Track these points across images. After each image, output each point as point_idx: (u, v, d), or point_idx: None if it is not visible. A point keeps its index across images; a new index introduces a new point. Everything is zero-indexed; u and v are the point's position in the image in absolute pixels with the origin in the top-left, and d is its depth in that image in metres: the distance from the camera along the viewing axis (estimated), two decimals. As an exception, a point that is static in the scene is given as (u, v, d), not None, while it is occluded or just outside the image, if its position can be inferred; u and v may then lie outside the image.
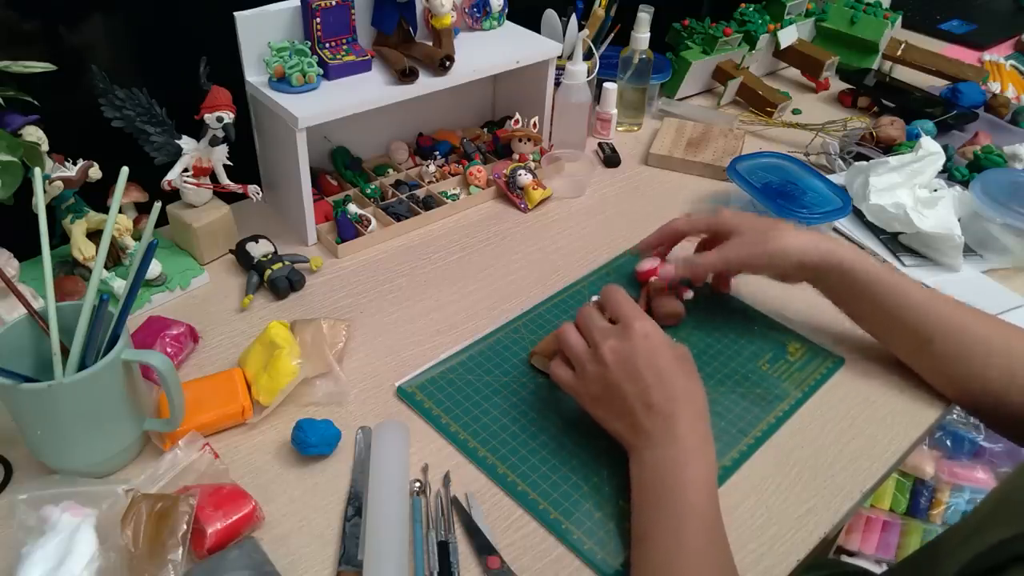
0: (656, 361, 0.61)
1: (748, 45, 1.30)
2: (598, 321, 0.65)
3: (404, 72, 0.88)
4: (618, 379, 0.61)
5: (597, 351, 0.62)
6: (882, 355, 0.78)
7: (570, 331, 0.66)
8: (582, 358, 0.64)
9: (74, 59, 0.79)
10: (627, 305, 0.65)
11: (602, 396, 0.63)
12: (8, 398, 0.57)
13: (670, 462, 0.58)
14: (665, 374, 0.61)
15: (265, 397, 0.68)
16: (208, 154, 0.83)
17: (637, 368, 0.60)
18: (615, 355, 0.61)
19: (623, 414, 0.62)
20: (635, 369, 0.61)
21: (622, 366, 0.61)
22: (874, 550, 1.47)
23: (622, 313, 0.64)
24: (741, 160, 0.99)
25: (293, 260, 0.85)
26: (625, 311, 0.64)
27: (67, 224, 0.77)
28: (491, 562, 0.58)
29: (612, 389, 0.62)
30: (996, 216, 0.91)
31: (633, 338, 0.62)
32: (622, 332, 0.62)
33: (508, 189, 1.01)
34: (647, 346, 0.61)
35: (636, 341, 0.61)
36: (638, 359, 0.61)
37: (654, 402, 0.60)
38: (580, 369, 0.64)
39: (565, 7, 1.09)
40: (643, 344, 0.61)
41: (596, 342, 0.63)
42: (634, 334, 0.62)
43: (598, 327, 0.64)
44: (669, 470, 0.58)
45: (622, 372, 0.61)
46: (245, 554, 0.56)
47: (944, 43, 1.58)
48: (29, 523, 0.56)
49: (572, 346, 0.65)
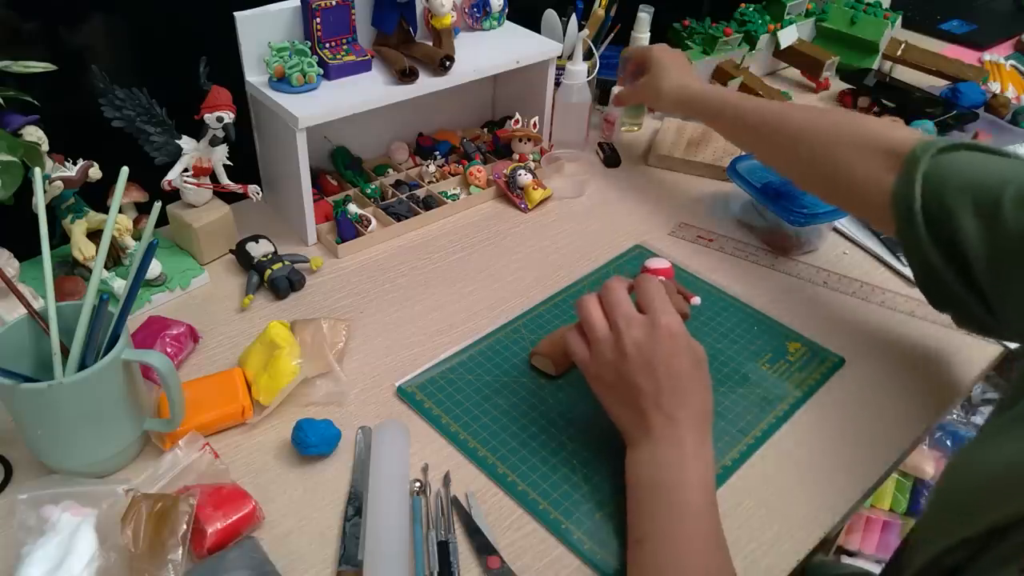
0: (675, 365, 0.59)
1: (748, 45, 1.30)
2: (625, 306, 0.62)
3: (404, 72, 0.88)
4: (633, 373, 0.60)
5: (620, 340, 0.60)
6: (883, 355, 0.79)
7: (592, 306, 0.63)
8: (601, 341, 0.62)
9: (74, 59, 0.79)
10: (660, 298, 0.62)
11: (613, 383, 0.62)
12: (8, 398, 0.57)
13: (670, 461, 0.58)
14: (681, 380, 0.60)
15: (265, 397, 0.68)
16: (208, 154, 0.83)
17: (655, 367, 0.59)
18: (637, 349, 0.60)
19: (630, 406, 0.61)
20: (653, 368, 0.59)
21: (641, 361, 0.59)
22: (874, 550, 1.47)
23: (653, 306, 0.61)
24: (741, 160, 0.99)
25: (293, 260, 0.85)
26: (656, 304, 0.61)
27: (67, 224, 0.77)
28: (491, 562, 0.58)
29: (625, 380, 0.60)
30: (996, 216, 0.90)
31: (658, 335, 0.60)
32: (649, 326, 0.60)
33: (508, 189, 1.01)
34: (670, 347, 0.60)
35: (661, 339, 0.60)
36: (658, 359, 0.59)
37: (664, 404, 0.59)
38: (596, 350, 0.62)
39: (565, 7, 1.09)
40: (667, 344, 0.60)
41: (620, 329, 0.61)
42: (660, 331, 0.60)
43: (624, 313, 0.61)
44: (669, 469, 0.58)
45: (639, 367, 0.60)
46: (245, 554, 0.56)
47: (944, 43, 1.58)
48: (29, 523, 0.56)
49: (593, 325, 0.62)
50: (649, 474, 0.59)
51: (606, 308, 0.63)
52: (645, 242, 0.94)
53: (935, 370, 0.78)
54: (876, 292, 0.88)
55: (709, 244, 0.95)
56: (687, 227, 0.98)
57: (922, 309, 0.85)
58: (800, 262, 0.92)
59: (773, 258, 0.93)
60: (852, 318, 0.84)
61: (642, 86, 1.02)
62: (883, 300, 0.87)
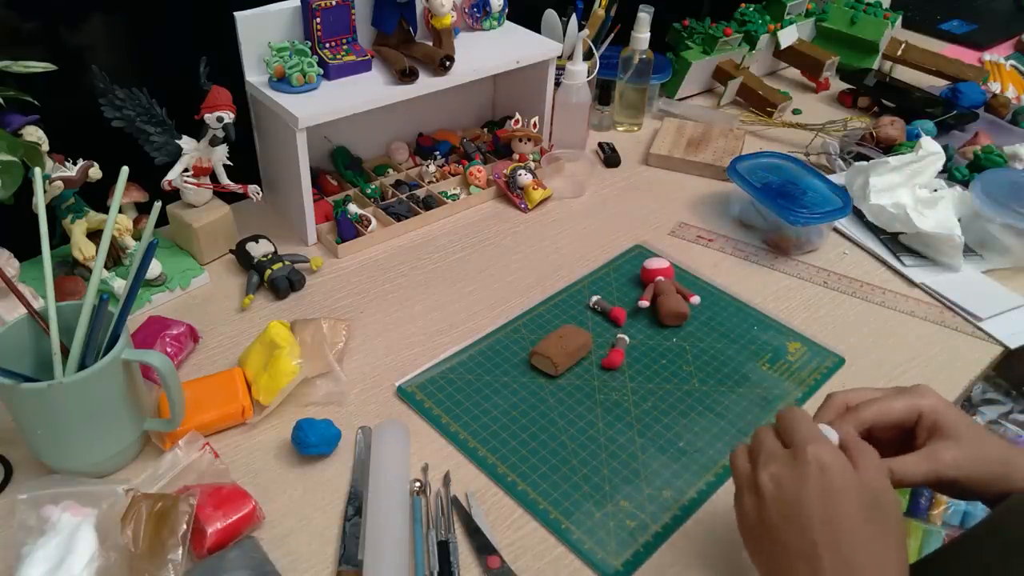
0: (833, 507, 0.45)
1: (748, 45, 1.30)
2: (768, 442, 0.51)
3: (404, 72, 0.88)
4: (775, 520, 0.47)
5: (756, 478, 0.49)
6: (882, 355, 0.79)
7: (739, 450, 0.53)
8: (740, 483, 0.51)
9: (74, 59, 0.79)
10: (804, 424, 0.50)
11: (759, 534, 0.49)
12: (8, 398, 0.57)
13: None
14: (843, 529, 0.45)
15: (265, 397, 0.68)
16: (208, 154, 0.83)
17: (803, 512, 0.46)
18: (775, 485, 0.47)
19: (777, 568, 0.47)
20: (800, 513, 0.46)
21: (782, 504, 0.47)
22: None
23: (796, 438, 0.49)
24: (741, 160, 0.99)
25: (293, 260, 0.85)
26: (800, 433, 0.49)
27: (67, 224, 0.77)
28: (491, 562, 0.58)
29: (768, 531, 0.47)
30: (996, 216, 0.91)
31: (803, 468, 0.47)
32: (790, 458, 0.48)
33: (508, 189, 1.01)
34: (822, 483, 0.46)
35: (807, 473, 0.46)
36: (807, 500, 0.46)
37: (825, 568, 0.44)
38: (737, 495, 0.51)
39: (565, 7, 1.09)
40: (816, 480, 0.46)
41: (759, 464, 0.49)
42: (806, 463, 0.47)
43: (766, 448, 0.50)
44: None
45: (781, 512, 0.47)
46: (245, 554, 0.56)
47: (944, 43, 1.58)
48: (29, 523, 0.56)
49: (736, 468, 0.52)
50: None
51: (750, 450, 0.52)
52: (645, 242, 0.94)
53: (935, 370, 0.78)
54: (876, 292, 0.88)
55: (709, 244, 0.95)
56: (687, 227, 0.98)
57: (922, 309, 0.85)
58: (800, 262, 0.92)
59: (773, 258, 0.93)
60: (852, 318, 0.84)
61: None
62: (883, 300, 0.87)
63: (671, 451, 0.67)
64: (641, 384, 0.74)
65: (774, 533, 0.47)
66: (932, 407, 0.53)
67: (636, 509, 0.62)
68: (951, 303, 0.86)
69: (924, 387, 0.55)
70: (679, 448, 0.68)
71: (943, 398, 0.54)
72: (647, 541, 0.60)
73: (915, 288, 0.89)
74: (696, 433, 0.69)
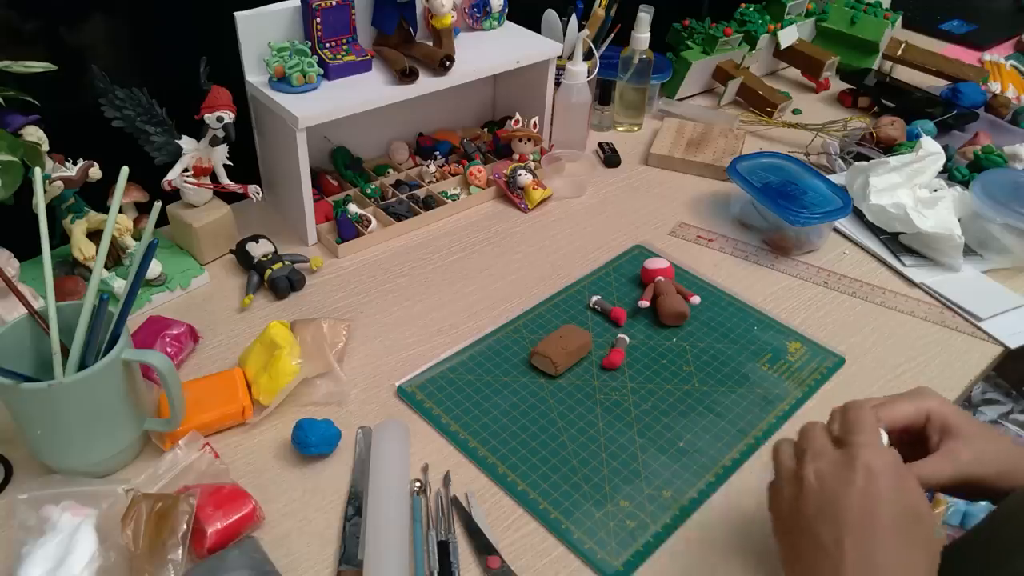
0: (872, 514, 0.45)
1: (748, 45, 1.30)
2: (817, 439, 0.50)
3: (404, 72, 0.88)
4: (810, 511, 0.47)
5: (800, 471, 0.49)
6: (882, 355, 0.79)
7: (784, 444, 0.53)
8: (781, 474, 0.51)
9: (74, 59, 0.79)
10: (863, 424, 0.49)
11: (790, 521, 0.49)
12: (8, 398, 0.57)
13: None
14: (875, 535, 0.44)
15: (265, 397, 0.68)
16: (208, 154, 0.83)
17: (839, 509, 0.45)
18: (818, 480, 0.47)
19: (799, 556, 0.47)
20: (836, 510, 0.46)
21: (821, 499, 0.46)
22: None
23: (854, 438, 0.48)
24: (741, 160, 0.99)
25: (293, 260, 0.85)
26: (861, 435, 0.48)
27: (67, 224, 0.77)
28: (491, 562, 0.58)
29: (800, 523, 0.47)
30: (996, 216, 0.91)
31: (851, 472, 0.46)
32: (841, 458, 0.48)
33: (508, 189, 1.01)
34: (867, 489, 0.45)
35: (854, 477, 0.46)
36: (846, 499, 0.45)
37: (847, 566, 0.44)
38: (776, 487, 0.51)
39: (565, 7, 1.09)
40: (862, 485, 0.45)
41: (805, 459, 0.49)
42: (855, 465, 0.46)
43: (814, 445, 0.50)
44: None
45: (818, 505, 0.46)
46: (245, 554, 0.56)
47: (944, 43, 1.58)
48: (29, 523, 0.56)
49: (779, 460, 0.52)
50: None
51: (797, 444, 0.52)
52: (645, 242, 0.94)
53: (935, 370, 0.78)
54: (876, 292, 0.88)
55: (709, 244, 0.95)
56: (687, 227, 0.98)
57: (922, 309, 0.85)
58: (800, 262, 0.92)
59: (773, 258, 0.93)
60: (852, 318, 0.84)
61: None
62: (883, 300, 0.87)
63: (671, 451, 0.67)
64: (641, 384, 0.74)
65: (804, 523, 0.47)
66: (938, 407, 0.53)
67: (636, 509, 0.62)
68: (951, 303, 0.86)
69: (925, 388, 0.55)
70: (679, 448, 0.68)
71: (944, 398, 0.55)
72: (647, 541, 0.60)
73: (915, 288, 0.89)
74: (696, 433, 0.69)
